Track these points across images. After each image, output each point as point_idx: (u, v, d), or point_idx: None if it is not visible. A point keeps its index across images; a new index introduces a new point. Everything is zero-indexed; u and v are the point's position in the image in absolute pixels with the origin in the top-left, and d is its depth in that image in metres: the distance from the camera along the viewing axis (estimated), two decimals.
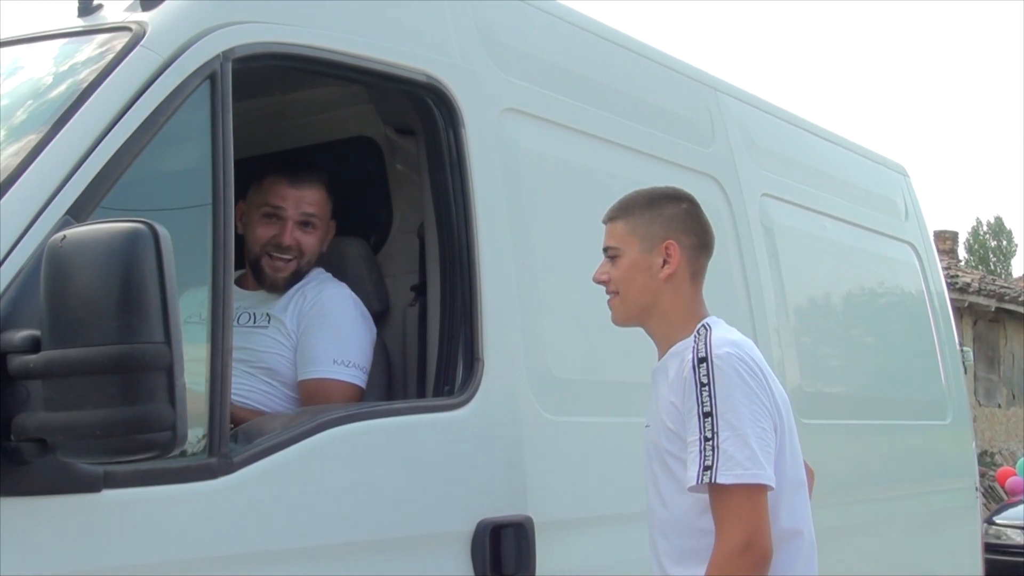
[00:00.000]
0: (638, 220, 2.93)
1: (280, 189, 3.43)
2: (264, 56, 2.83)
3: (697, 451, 2.69)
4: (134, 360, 2.05)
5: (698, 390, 2.71)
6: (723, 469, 2.65)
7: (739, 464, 2.66)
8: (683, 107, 4.35)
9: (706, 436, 2.68)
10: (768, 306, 4.40)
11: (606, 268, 2.96)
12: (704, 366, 2.72)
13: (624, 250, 2.93)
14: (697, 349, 2.76)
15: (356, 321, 3.40)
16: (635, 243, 2.92)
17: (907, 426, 5.40)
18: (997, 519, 13.46)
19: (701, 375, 2.72)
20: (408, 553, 2.91)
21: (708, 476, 2.66)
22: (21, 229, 2.27)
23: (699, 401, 2.71)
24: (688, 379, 2.74)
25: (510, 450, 3.18)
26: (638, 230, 2.92)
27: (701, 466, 2.67)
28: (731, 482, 2.65)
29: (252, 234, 3.43)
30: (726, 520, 2.67)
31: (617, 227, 2.96)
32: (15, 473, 2.15)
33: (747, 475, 2.66)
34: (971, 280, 23.13)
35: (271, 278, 3.42)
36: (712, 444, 2.67)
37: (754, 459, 2.67)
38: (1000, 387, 24.42)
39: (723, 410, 2.69)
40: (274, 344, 3.35)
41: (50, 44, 2.78)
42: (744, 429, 2.68)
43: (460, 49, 3.34)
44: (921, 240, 5.91)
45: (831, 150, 5.46)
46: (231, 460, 2.54)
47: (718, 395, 2.70)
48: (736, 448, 2.66)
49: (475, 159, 3.26)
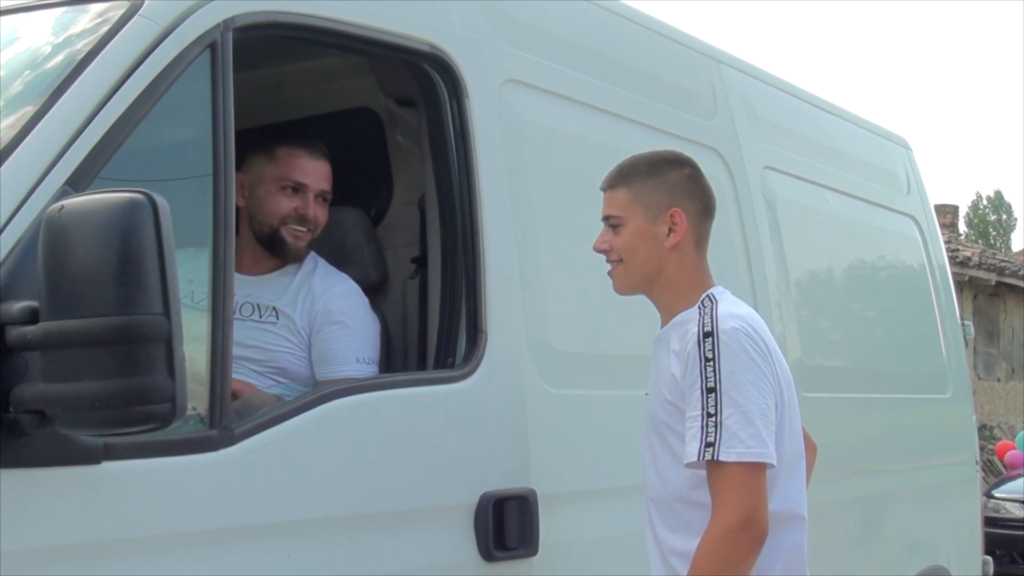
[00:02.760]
0: (641, 187, 2.87)
1: (301, 163, 3.38)
2: (265, 25, 2.80)
3: (699, 427, 2.65)
4: (132, 332, 2.04)
5: (702, 364, 2.67)
6: (725, 446, 2.62)
7: (742, 442, 2.63)
8: (685, 79, 4.32)
9: (709, 412, 2.64)
10: (769, 279, 4.39)
11: (607, 237, 2.90)
12: (709, 341, 2.68)
13: (627, 218, 2.86)
14: (703, 322, 2.72)
15: (368, 316, 3.37)
16: (639, 211, 2.85)
17: (908, 400, 5.40)
18: (996, 493, 13.49)
19: (706, 350, 2.68)
20: (410, 526, 2.90)
21: (710, 453, 2.63)
22: (19, 199, 2.25)
23: (703, 376, 2.67)
24: (692, 353, 2.70)
25: (513, 423, 3.17)
26: (641, 198, 2.86)
27: (703, 442, 2.64)
28: (733, 460, 2.62)
29: (267, 206, 3.36)
30: (726, 497, 2.64)
31: (618, 195, 2.89)
32: (14, 445, 2.14)
33: (749, 453, 2.63)
34: (971, 254, 23.11)
35: (293, 248, 3.36)
36: (715, 420, 2.63)
37: (757, 437, 2.64)
38: (1000, 361, 24.44)
39: (727, 387, 2.65)
40: (285, 343, 3.28)
41: (48, 13, 2.76)
42: (748, 406, 2.65)
43: (461, 19, 3.31)
44: (923, 213, 5.89)
45: (834, 123, 5.43)
46: (232, 432, 2.52)
47: (723, 371, 2.66)
48: (739, 426, 2.63)
49: (477, 130, 3.23)
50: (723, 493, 2.64)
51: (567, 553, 3.26)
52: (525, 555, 3.10)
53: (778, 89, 5.00)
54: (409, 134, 3.62)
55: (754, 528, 2.63)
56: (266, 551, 2.58)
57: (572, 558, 3.28)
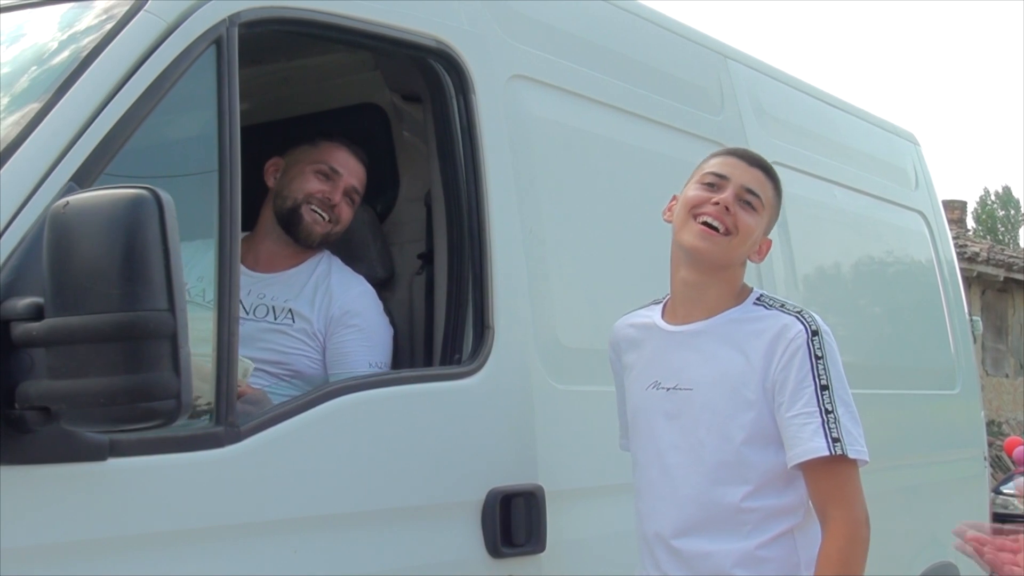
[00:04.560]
0: (775, 203, 2.90)
1: (340, 155, 3.43)
2: (271, 20, 2.80)
3: (819, 424, 2.69)
4: (137, 328, 2.03)
5: (812, 362, 2.72)
6: (849, 443, 2.69)
7: (857, 440, 2.71)
8: (692, 74, 4.31)
9: (827, 408, 2.70)
10: (777, 275, 4.38)
11: (736, 208, 2.80)
12: (817, 339, 2.74)
13: (760, 213, 2.84)
14: (806, 320, 2.77)
15: (382, 320, 3.37)
16: (767, 217, 2.87)
17: (916, 396, 5.38)
18: (1004, 489, 13.50)
19: (815, 348, 2.74)
20: (417, 522, 2.90)
21: (839, 448, 2.68)
22: (24, 196, 2.24)
23: (815, 374, 2.72)
24: (799, 350, 2.73)
25: (520, 418, 3.17)
26: (772, 211, 2.89)
27: (828, 438, 2.68)
28: (855, 457, 2.70)
29: (295, 183, 3.39)
30: (849, 495, 2.71)
31: (768, 188, 2.87)
32: (20, 441, 2.14)
33: (864, 452, 2.72)
34: (980, 250, 23.07)
35: (308, 229, 3.37)
36: (834, 417, 2.70)
37: (863, 436, 2.73)
38: (1008, 357, 24.40)
39: (836, 386, 2.73)
40: (302, 346, 3.28)
41: (53, 9, 2.75)
42: (853, 406, 2.75)
43: (467, 14, 3.30)
44: (931, 209, 5.87)
45: (841, 118, 5.42)
46: (238, 429, 2.52)
47: (831, 369, 2.73)
48: (852, 424, 2.72)
49: (484, 126, 3.23)
50: (845, 490, 2.72)
51: (575, 549, 3.25)
52: (533, 551, 3.10)
53: (785, 84, 4.99)
54: (415, 130, 3.61)
55: (869, 523, 2.73)
56: (272, 548, 2.57)
57: (580, 554, 3.28)
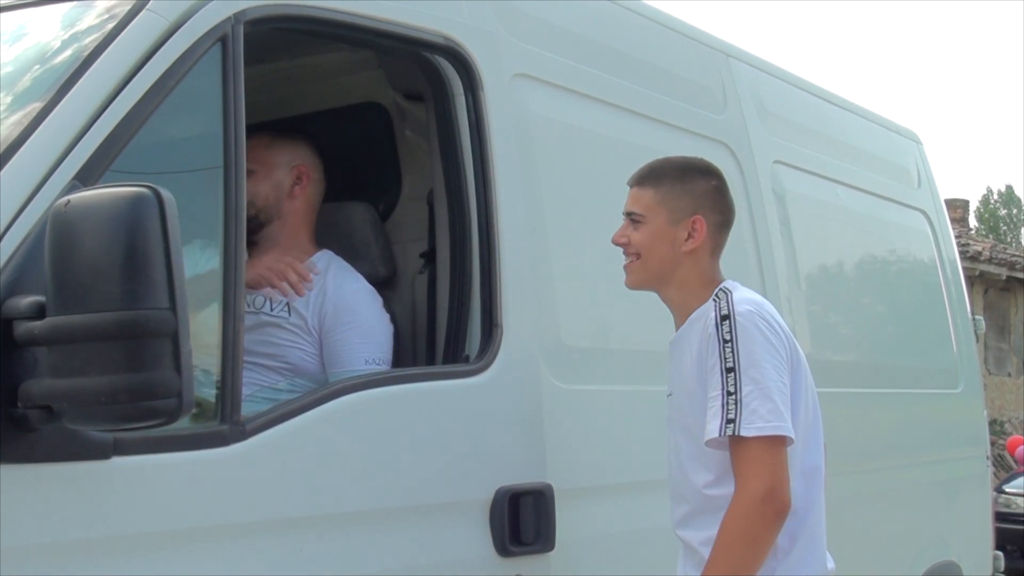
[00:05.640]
0: (668, 191, 2.93)
1: None
2: (277, 18, 2.79)
3: (719, 405, 2.72)
4: (139, 326, 2.03)
5: (720, 346, 2.75)
6: (746, 422, 2.69)
7: (761, 417, 2.69)
8: (695, 73, 4.31)
9: (729, 391, 2.71)
10: (779, 274, 4.38)
11: (627, 231, 2.95)
12: (727, 323, 2.76)
13: (649, 219, 2.92)
14: (719, 307, 2.79)
15: (379, 317, 3.34)
16: (663, 214, 2.91)
17: (919, 395, 5.37)
18: (1007, 488, 13.49)
19: (724, 332, 2.75)
20: (425, 521, 2.89)
21: (731, 428, 2.69)
22: (27, 194, 2.24)
23: (722, 357, 2.74)
24: (711, 336, 2.77)
25: (529, 417, 3.16)
26: (667, 201, 2.92)
27: (723, 419, 2.70)
28: (753, 434, 2.68)
29: None
30: (747, 471, 2.70)
31: (645, 194, 2.95)
32: (23, 440, 2.14)
33: (769, 427, 2.70)
34: (982, 249, 23.05)
35: None
36: (735, 398, 2.70)
37: (776, 412, 2.71)
38: (1010, 356, 24.37)
39: (746, 365, 2.72)
40: (296, 339, 3.27)
41: (56, 8, 2.75)
42: (767, 383, 2.72)
43: (471, 12, 3.30)
44: (934, 208, 5.87)
45: (844, 117, 5.41)
46: (243, 427, 2.52)
47: (741, 351, 2.73)
48: (759, 402, 2.70)
49: (491, 124, 3.22)
50: (745, 467, 2.71)
51: (584, 548, 3.25)
52: (541, 550, 3.09)
53: (788, 83, 4.99)
54: (418, 129, 3.61)
55: (776, 500, 2.69)
56: (277, 547, 2.57)
57: (589, 553, 3.28)
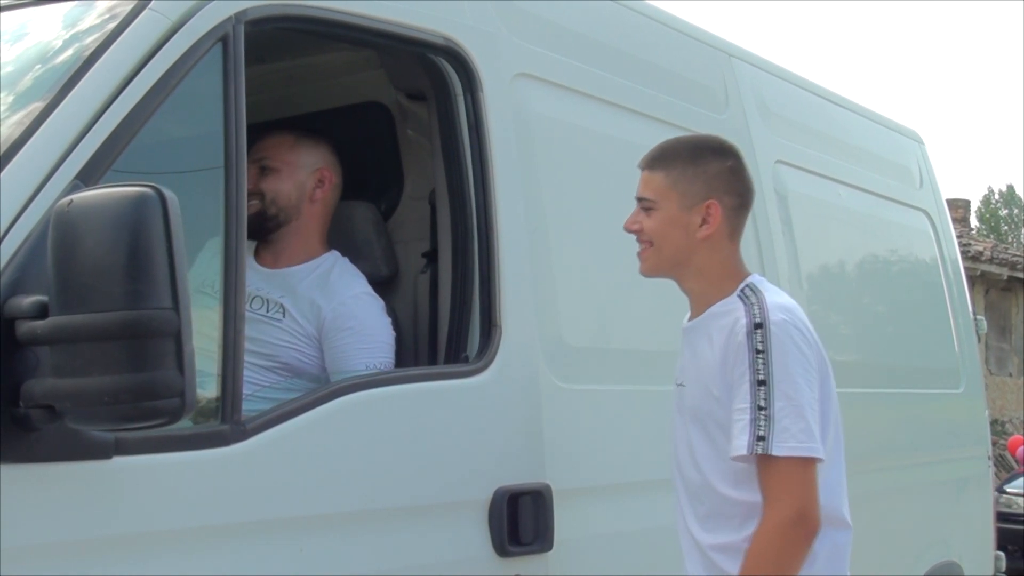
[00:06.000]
0: (679, 175, 2.79)
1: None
2: (278, 18, 2.79)
3: (748, 420, 2.61)
4: (141, 326, 2.03)
5: (751, 356, 2.63)
6: (778, 440, 2.59)
7: (793, 436, 2.59)
8: (697, 73, 4.30)
9: (760, 405, 2.60)
10: (781, 273, 4.37)
11: (639, 218, 2.81)
12: (760, 332, 2.64)
13: (661, 204, 2.79)
14: (752, 314, 2.67)
15: (380, 321, 3.33)
16: (674, 198, 2.78)
17: (920, 395, 5.37)
18: (1008, 488, 13.49)
19: (757, 342, 2.63)
20: (424, 521, 2.89)
21: (762, 447, 2.59)
22: (29, 194, 2.24)
23: (752, 368, 2.62)
24: (741, 344, 2.65)
25: (528, 417, 3.16)
26: (679, 185, 2.78)
27: (753, 436, 2.60)
28: (785, 454, 2.59)
29: None
30: (778, 492, 2.61)
31: (656, 178, 2.81)
32: (25, 439, 2.14)
33: (801, 448, 2.60)
34: (983, 249, 23.04)
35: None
36: (767, 414, 2.59)
37: (808, 431, 2.61)
38: (1011, 356, 24.37)
39: (779, 379, 2.61)
40: (291, 339, 3.26)
41: (58, 7, 2.75)
42: (800, 400, 2.61)
43: (473, 12, 3.30)
44: (935, 208, 5.87)
45: (846, 117, 5.41)
46: (244, 427, 2.52)
47: (775, 363, 2.61)
48: (791, 420, 2.60)
49: (491, 124, 3.22)
50: (775, 488, 2.62)
51: (582, 548, 3.24)
52: (540, 550, 3.09)
53: (790, 83, 4.98)
54: (419, 128, 3.61)
55: (807, 522, 2.61)
56: (277, 547, 2.57)
57: (587, 553, 3.27)
